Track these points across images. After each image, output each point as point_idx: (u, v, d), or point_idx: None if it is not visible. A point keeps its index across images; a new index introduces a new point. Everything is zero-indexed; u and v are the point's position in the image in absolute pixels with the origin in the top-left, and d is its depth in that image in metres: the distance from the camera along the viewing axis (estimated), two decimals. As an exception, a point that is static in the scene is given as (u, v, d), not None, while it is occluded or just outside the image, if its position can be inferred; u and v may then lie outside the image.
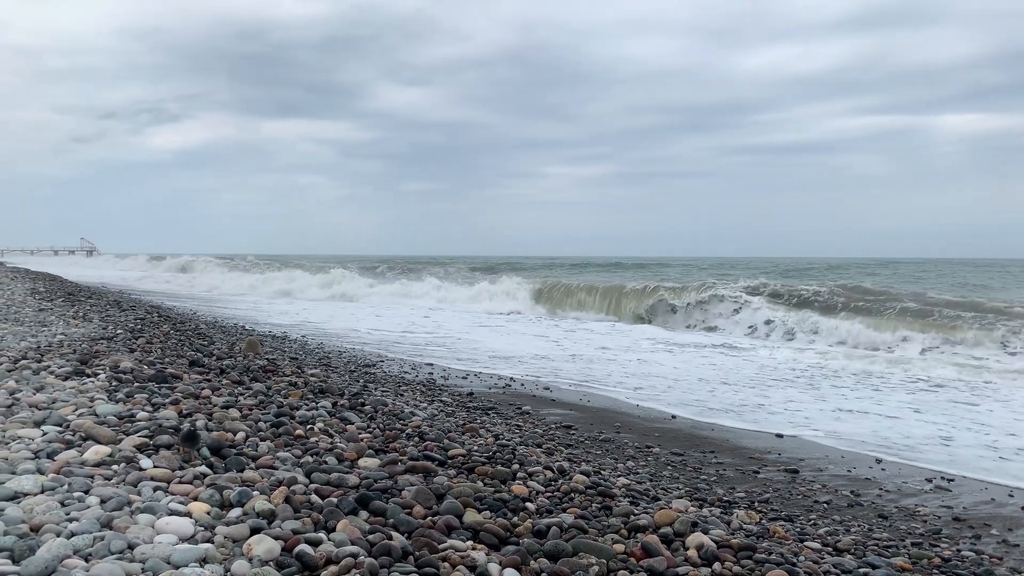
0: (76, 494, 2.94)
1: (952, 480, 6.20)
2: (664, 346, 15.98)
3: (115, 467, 3.34)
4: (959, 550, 4.48)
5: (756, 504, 5.21)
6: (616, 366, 12.58)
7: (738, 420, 8.37)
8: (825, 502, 5.49)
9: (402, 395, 7.98)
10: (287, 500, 3.12)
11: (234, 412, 4.65)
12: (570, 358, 13.45)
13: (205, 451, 3.69)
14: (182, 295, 28.47)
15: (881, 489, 5.94)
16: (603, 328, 20.31)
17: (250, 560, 2.54)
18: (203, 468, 3.46)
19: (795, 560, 3.51)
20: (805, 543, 4.05)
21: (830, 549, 4.07)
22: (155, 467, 3.37)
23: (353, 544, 2.76)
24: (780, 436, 7.62)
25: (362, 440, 4.48)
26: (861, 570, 3.67)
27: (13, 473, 3.13)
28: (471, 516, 3.29)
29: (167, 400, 4.76)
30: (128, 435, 3.81)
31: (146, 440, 3.73)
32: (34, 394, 4.63)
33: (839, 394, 10.23)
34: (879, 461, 6.74)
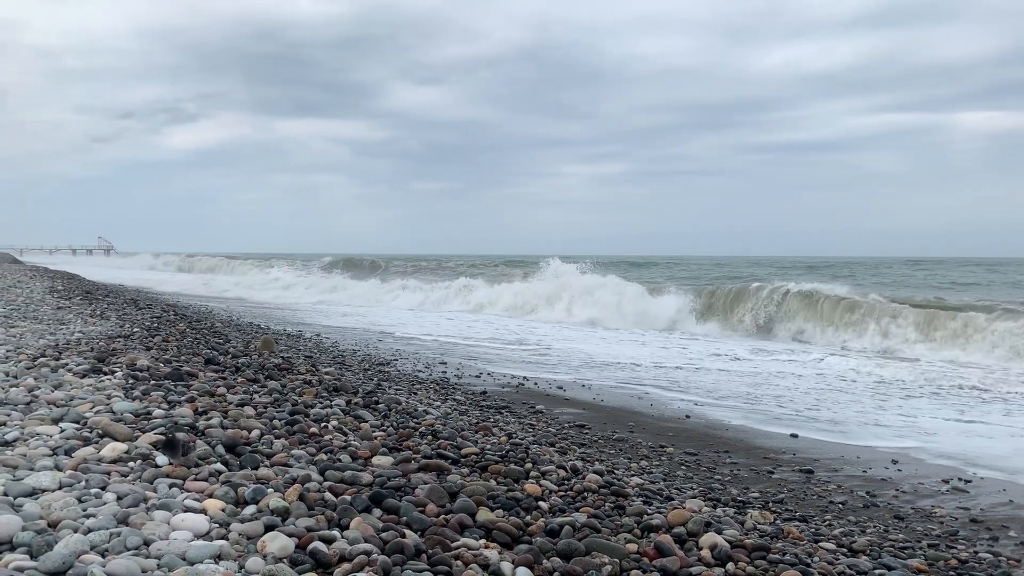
0: (93, 490, 2.96)
1: (969, 481, 6.14)
2: (780, 355, 14.80)
3: (131, 464, 3.37)
4: (976, 552, 4.44)
5: (770, 504, 5.18)
6: (728, 377, 11.72)
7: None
8: (840, 503, 5.45)
9: (416, 393, 8.00)
10: (301, 498, 3.13)
11: (249, 410, 4.67)
12: (675, 368, 12.52)
13: (220, 448, 3.72)
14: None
15: (897, 490, 5.90)
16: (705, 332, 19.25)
17: (264, 557, 2.56)
18: (218, 465, 3.48)
19: (809, 561, 3.49)
20: (820, 544, 4.03)
21: (845, 550, 4.04)
22: (171, 464, 3.40)
23: (366, 542, 2.77)
24: (795, 436, 7.58)
25: (376, 438, 4.50)
26: (876, 571, 3.64)
27: (31, 469, 3.16)
28: (484, 515, 3.30)
29: (183, 398, 4.80)
30: (144, 432, 3.84)
31: (162, 437, 3.76)
32: (52, 391, 4.68)
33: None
34: (895, 462, 6.68)
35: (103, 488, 3.01)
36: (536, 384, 10.19)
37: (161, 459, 3.46)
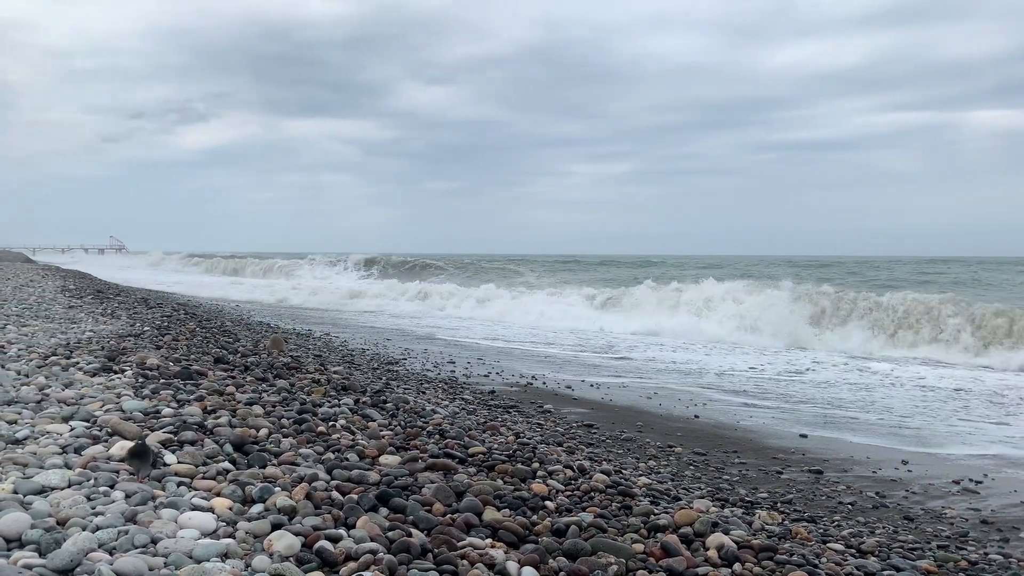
0: (102, 489, 2.98)
1: (980, 482, 6.10)
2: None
3: (140, 462, 3.39)
4: (986, 553, 4.41)
5: (779, 505, 5.17)
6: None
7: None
8: (849, 503, 5.42)
9: (424, 393, 8.02)
10: (308, 496, 3.15)
11: (257, 409, 4.70)
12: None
13: (228, 447, 3.74)
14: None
15: (907, 491, 5.87)
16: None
17: (271, 556, 2.57)
18: (226, 464, 3.50)
19: (817, 561, 3.48)
20: (828, 544, 4.01)
21: (853, 551, 4.02)
22: (179, 463, 3.42)
23: (373, 541, 2.78)
24: (804, 436, 7.55)
25: (383, 437, 4.51)
26: (885, 572, 3.63)
27: (41, 467, 3.19)
28: (490, 514, 3.30)
29: (192, 397, 4.83)
30: (153, 431, 3.87)
31: (170, 436, 3.79)
32: (63, 390, 4.71)
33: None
34: (905, 462, 6.65)
35: (112, 486, 3.03)
36: (544, 383, 10.19)
37: (169, 457, 3.48)
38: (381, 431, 4.73)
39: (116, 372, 5.48)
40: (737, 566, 3.17)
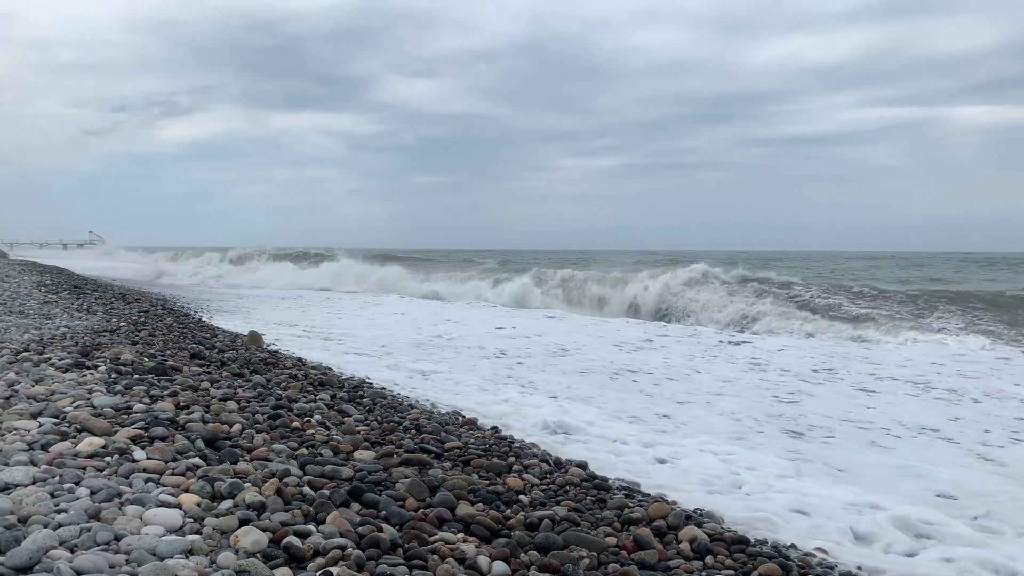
0: (67, 485, 2.94)
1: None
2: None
3: (108, 459, 3.35)
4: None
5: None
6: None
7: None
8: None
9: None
10: (278, 492, 3.11)
11: (232, 404, 4.65)
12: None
13: (200, 443, 3.70)
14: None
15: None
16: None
17: (237, 552, 2.54)
18: (197, 460, 3.46)
19: (788, 554, 3.49)
20: (801, 537, 4.02)
21: (827, 543, 4.03)
22: (148, 459, 3.38)
23: (342, 536, 2.76)
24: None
25: (359, 432, 4.48)
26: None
27: (6, 464, 3.13)
28: (464, 508, 3.28)
29: (165, 392, 4.77)
30: (123, 427, 3.81)
31: (141, 432, 3.74)
32: (33, 386, 4.64)
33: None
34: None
35: (77, 483, 2.98)
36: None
37: (139, 453, 3.43)
38: (357, 426, 4.70)
39: (89, 368, 5.41)
40: (709, 558, 3.18)
